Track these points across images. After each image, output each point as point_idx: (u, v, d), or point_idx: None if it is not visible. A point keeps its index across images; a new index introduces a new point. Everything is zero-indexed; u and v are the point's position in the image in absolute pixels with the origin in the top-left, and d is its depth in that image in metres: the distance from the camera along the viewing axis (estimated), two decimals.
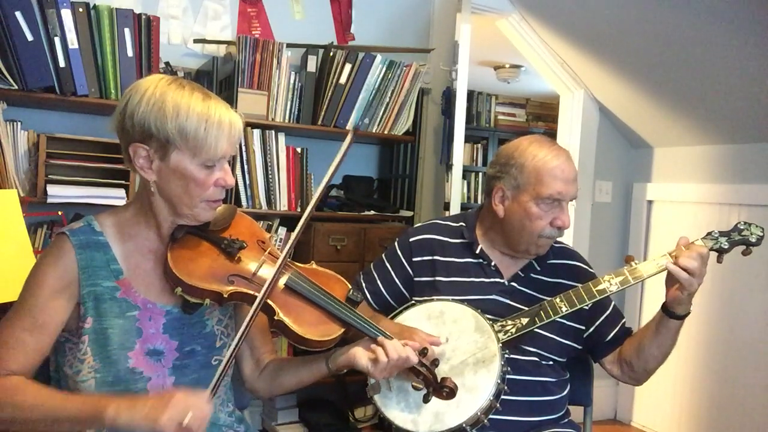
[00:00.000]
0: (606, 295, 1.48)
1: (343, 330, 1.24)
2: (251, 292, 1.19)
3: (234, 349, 1.15)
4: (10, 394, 1.07)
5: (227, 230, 1.28)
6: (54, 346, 1.18)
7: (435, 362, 1.30)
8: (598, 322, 1.61)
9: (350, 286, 1.31)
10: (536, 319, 1.48)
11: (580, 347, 1.61)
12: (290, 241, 1.24)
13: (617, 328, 1.61)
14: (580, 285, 1.50)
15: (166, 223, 1.22)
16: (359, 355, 1.25)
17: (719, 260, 1.49)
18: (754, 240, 1.48)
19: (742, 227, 1.50)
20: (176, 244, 1.21)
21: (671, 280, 1.42)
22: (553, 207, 1.52)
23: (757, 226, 1.50)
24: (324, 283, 1.28)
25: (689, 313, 1.47)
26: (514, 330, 1.48)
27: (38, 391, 1.09)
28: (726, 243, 1.48)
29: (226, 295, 1.17)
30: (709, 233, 1.49)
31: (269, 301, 1.20)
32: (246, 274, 1.22)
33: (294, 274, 1.26)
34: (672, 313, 1.46)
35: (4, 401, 1.07)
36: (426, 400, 1.30)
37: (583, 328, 1.60)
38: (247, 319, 1.15)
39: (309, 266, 1.33)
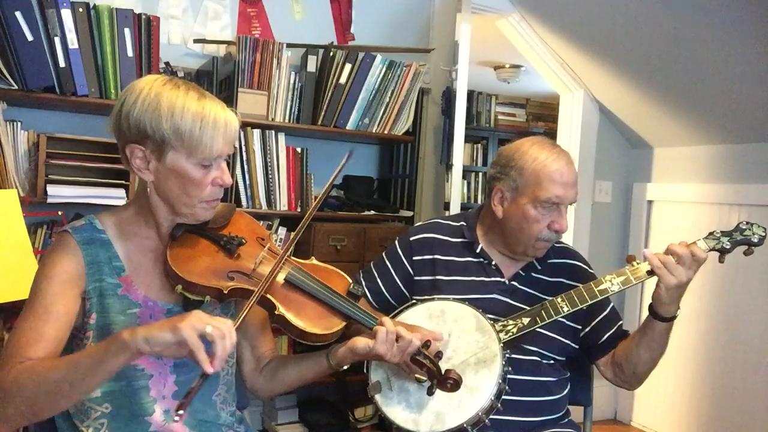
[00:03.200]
0: (607, 295, 1.48)
1: (344, 323, 1.24)
2: (251, 288, 1.19)
3: (248, 306, 1.14)
4: (29, 369, 1.05)
5: (226, 228, 1.29)
6: None
7: (438, 354, 1.30)
8: (594, 323, 1.60)
9: (351, 281, 1.32)
10: (537, 318, 1.48)
11: (577, 347, 1.61)
12: (290, 240, 1.24)
13: (612, 331, 1.60)
14: (580, 285, 1.50)
15: (165, 222, 1.22)
16: (359, 339, 1.25)
17: (721, 260, 1.49)
18: (756, 240, 1.48)
19: (744, 227, 1.49)
20: (176, 243, 1.21)
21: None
22: (552, 210, 1.52)
23: (759, 226, 1.49)
24: (324, 277, 1.28)
25: (676, 316, 1.46)
26: (515, 330, 1.48)
27: (55, 359, 1.08)
28: (728, 243, 1.47)
29: (226, 292, 1.18)
30: (710, 233, 1.49)
31: (269, 296, 1.20)
32: (245, 270, 1.22)
33: (294, 269, 1.26)
34: (657, 314, 1.45)
35: (25, 378, 1.04)
36: (430, 392, 1.29)
37: (580, 327, 1.60)
38: (245, 309, 1.15)
39: (309, 262, 1.33)
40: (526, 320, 1.49)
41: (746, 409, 2.73)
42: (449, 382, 1.27)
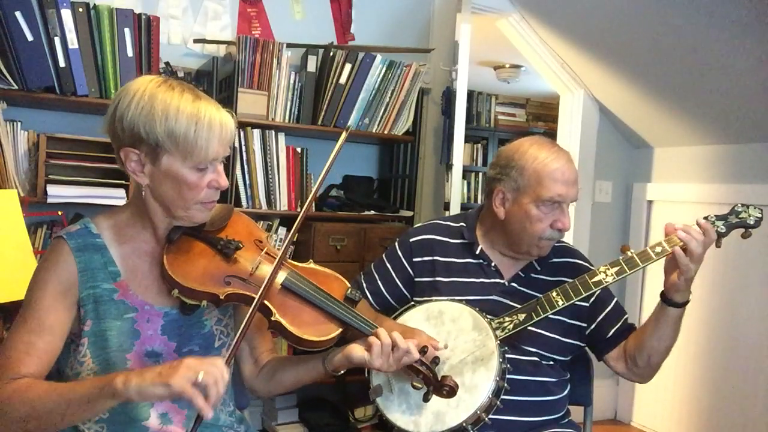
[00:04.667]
0: (603, 286, 1.47)
1: (340, 329, 1.24)
2: (248, 293, 1.18)
3: (241, 332, 1.14)
4: (22, 391, 1.06)
5: (224, 230, 1.28)
6: None
7: (435, 360, 1.30)
8: (599, 319, 1.60)
9: (349, 285, 1.31)
10: (533, 314, 1.48)
11: (583, 345, 1.61)
12: (286, 241, 1.24)
13: (619, 324, 1.60)
14: (575, 279, 1.50)
15: (162, 224, 1.21)
16: (355, 348, 1.24)
17: (718, 245, 1.47)
18: (752, 222, 1.46)
19: (739, 209, 1.48)
20: (172, 246, 1.20)
21: (670, 266, 1.43)
22: (554, 209, 1.52)
23: (755, 208, 1.47)
24: (322, 282, 1.27)
25: (688, 301, 1.46)
26: (511, 326, 1.48)
27: (48, 385, 1.09)
28: (723, 227, 1.46)
29: (222, 297, 1.17)
30: (705, 217, 1.47)
31: (266, 302, 1.19)
32: (242, 274, 1.22)
33: (291, 274, 1.25)
34: (670, 300, 1.45)
35: (17, 400, 1.06)
36: (426, 399, 1.30)
37: (585, 325, 1.60)
38: (245, 322, 1.15)
39: (307, 265, 1.32)
40: (522, 316, 1.49)
41: (746, 409, 2.73)
42: (445, 389, 1.27)
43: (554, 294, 1.48)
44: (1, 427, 1.07)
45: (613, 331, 1.60)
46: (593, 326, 1.61)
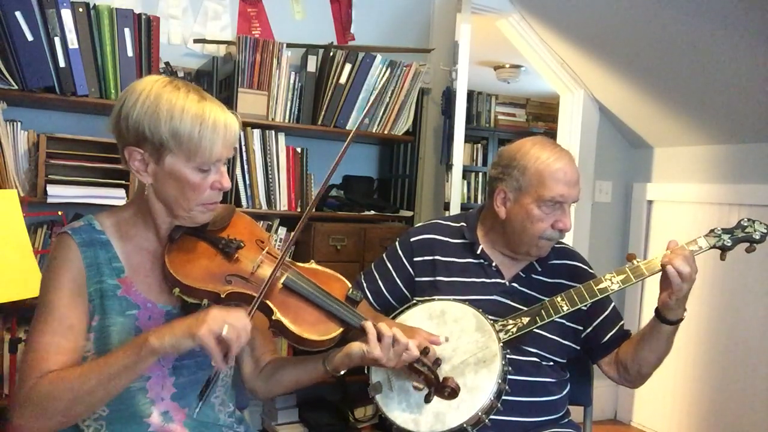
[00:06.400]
0: (607, 293, 1.48)
1: (341, 329, 1.23)
2: (249, 292, 1.18)
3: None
4: (59, 379, 1.08)
5: (225, 230, 1.28)
6: None
7: (437, 362, 1.30)
8: (595, 323, 1.60)
9: (350, 285, 1.31)
10: (537, 318, 1.48)
11: (578, 348, 1.61)
12: (288, 242, 1.24)
13: (614, 331, 1.61)
14: (581, 285, 1.50)
15: (164, 224, 1.22)
16: (353, 344, 1.24)
17: (722, 257, 1.48)
18: (757, 237, 1.47)
19: (745, 224, 1.49)
20: (174, 245, 1.21)
21: (664, 283, 1.42)
22: (555, 209, 1.52)
23: (761, 223, 1.48)
24: (323, 282, 1.27)
25: (682, 319, 1.46)
26: (515, 329, 1.48)
27: (80, 368, 1.10)
28: (729, 240, 1.47)
29: (223, 296, 1.17)
30: (712, 230, 1.48)
31: (267, 301, 1.19)
32: (244, 274, 1.22)
33: (292, 274, 1.25)
34: (664, 318, 1.45)
35: (58, 391, 1.06)
36: (428, 400, 1.30)
37: (581, 328, 1.60)
38: (249, 314, 1.15)
39: (309, 265, 1.32)
40: (525, 320, 1.49)
41: (746, 409, 2.73)
42: (447, 391, 1.26)
43: (559, 299, 1.49)
44: (44, 420, 1.08)
45: (608, 337, 1.60)
46: (589, 330, 1.61)
